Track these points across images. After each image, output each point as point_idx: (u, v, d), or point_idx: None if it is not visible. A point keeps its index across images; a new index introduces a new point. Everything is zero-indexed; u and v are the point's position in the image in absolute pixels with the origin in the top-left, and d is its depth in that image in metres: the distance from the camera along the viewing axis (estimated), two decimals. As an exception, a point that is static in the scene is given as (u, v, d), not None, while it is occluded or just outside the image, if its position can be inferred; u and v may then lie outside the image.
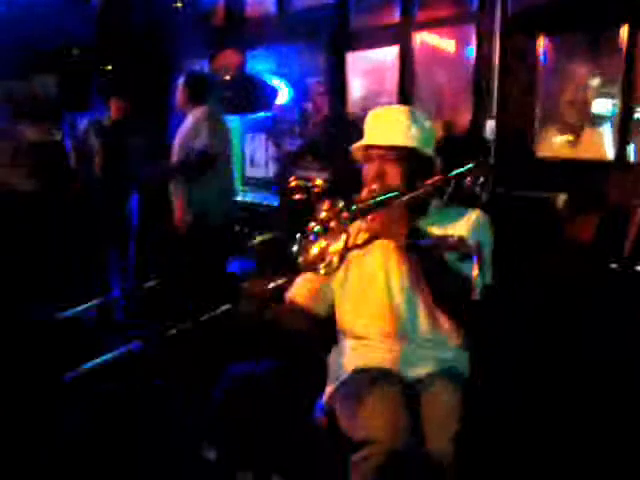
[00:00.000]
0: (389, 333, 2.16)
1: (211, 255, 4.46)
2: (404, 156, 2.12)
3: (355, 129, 4.88)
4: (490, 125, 4.13)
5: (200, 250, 4.44)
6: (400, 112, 2.20)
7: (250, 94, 5.70)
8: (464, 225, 2.15)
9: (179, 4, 5.94)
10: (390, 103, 4.80)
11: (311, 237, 1.84)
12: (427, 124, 2.21)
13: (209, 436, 2.67)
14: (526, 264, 3.23)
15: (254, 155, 6.11)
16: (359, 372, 2.14)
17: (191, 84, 4.63)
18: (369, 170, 2.16)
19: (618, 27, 3.50)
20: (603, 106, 3.67)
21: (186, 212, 4.52)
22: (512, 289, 2.76)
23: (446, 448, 1.87)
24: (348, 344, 2.26)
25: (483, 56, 4.11)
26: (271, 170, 5.88)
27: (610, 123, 3.64)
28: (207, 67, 6.00)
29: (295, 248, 1.83)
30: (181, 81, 4.64)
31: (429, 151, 2.18)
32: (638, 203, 2.75)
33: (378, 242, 2.10)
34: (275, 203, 5.48)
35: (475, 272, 1.71)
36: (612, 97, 3.61)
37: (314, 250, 1.84)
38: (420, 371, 2.13)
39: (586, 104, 3.73)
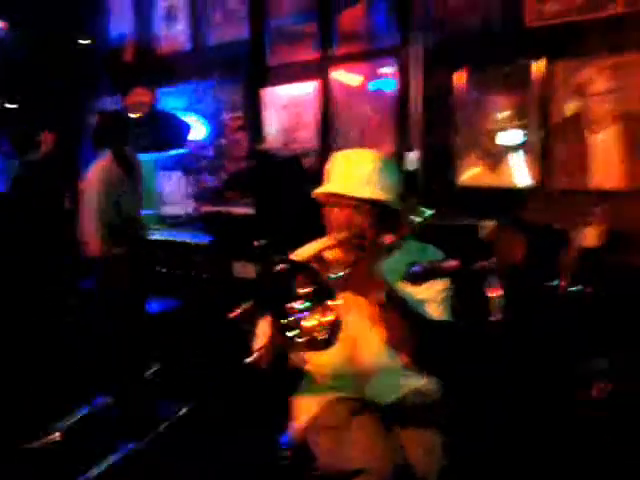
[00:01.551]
0: (356, 368, 2.13)
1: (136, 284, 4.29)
2: (374, 208, 2.07)
3: (275, 163, 4.91)
4: (410, 157, 4.21)
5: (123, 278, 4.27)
6: (370, 160, 2.12)
7: (161, 132, 5.59)
8: (432, 258, 2.13)
9: (87, 40, 5.79)
10: (310, 138, 4.83)
11: (299, 316, 1.80)
12: (396, 173, 2.18)
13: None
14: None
15: (169, 193, 5.96)
16: (333, 404, 2.10)
17: (99, 125, 4.50)
18: (336, 216, 2.09)
19: (535, 61, 3.67)
20: (520, 135, 3.83)
21: (102, 240, 4.34)
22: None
23: (430, 466, 1.88)
24: (315, 379, 2.22)
25: (405, 89, 4.21)
26: (188, 208, 5.76)
27: (526, 151, 3.79)
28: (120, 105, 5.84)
29: (292, 333, 1.78)
30: (93, 121, 4.52)
31: (397, 202, 2.14)
32: (572, 227, 2.84)
33: None
34: (195, 240, 5.37)
35: (497, 293, 1.68)
36: (528, 127, 3.77)
37: (309, 324, 1.79)
38: (393, 398, 2.11)
39: (504, 134, 3.87)
